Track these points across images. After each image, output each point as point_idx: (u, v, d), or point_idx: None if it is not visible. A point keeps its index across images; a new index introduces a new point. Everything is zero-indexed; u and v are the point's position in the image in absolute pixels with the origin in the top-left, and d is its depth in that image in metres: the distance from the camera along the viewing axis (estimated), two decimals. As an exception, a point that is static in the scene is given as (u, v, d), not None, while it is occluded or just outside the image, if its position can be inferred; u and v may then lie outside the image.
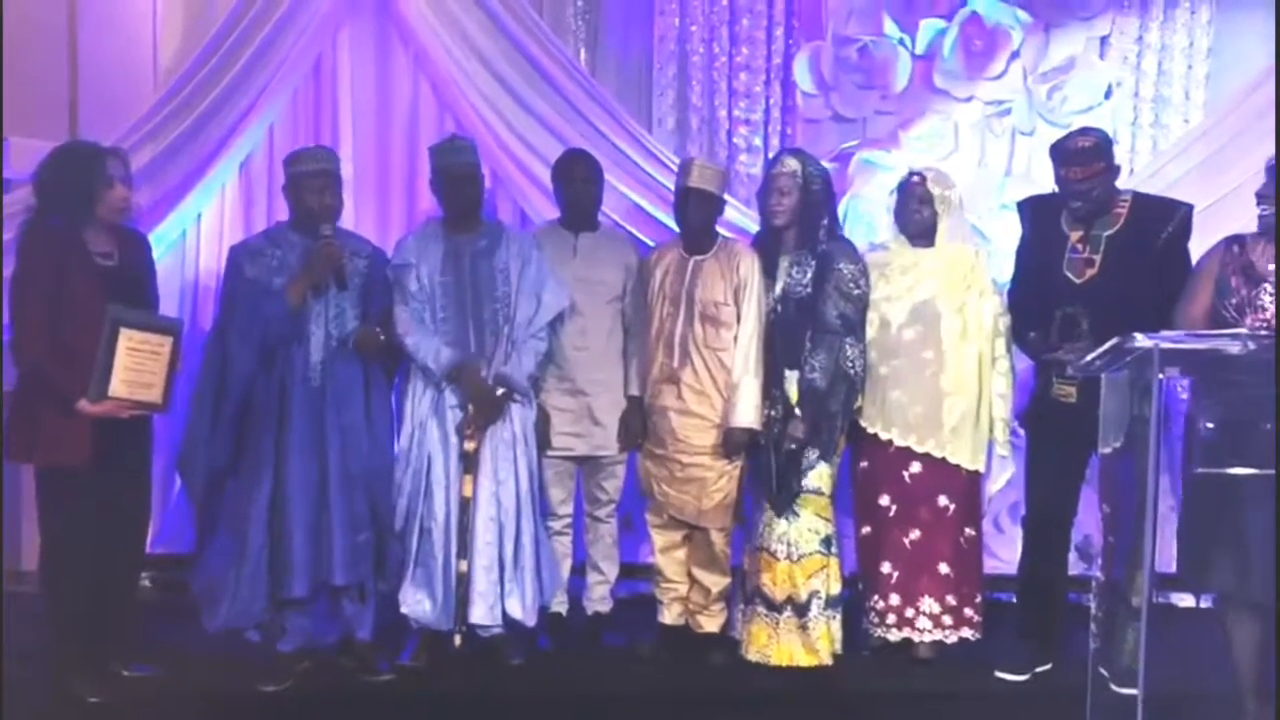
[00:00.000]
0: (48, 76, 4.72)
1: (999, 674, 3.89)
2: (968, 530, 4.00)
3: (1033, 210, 4.05)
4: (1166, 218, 3.78)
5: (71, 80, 4.79)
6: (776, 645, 3.92)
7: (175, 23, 4.89)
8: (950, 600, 3.96)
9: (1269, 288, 3.18)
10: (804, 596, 3.90)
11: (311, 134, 4.85)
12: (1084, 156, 3.71)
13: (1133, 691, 2.70)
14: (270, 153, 4.85)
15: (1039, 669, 3.90)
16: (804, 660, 3.90)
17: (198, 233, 4.86)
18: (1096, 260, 3.75)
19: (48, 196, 3.55)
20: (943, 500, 3.96)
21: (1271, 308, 3.17)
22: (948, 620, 3.96)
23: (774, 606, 3.92)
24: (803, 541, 3.90)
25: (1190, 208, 3.84)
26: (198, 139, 4.67)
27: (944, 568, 3.96)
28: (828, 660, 3.91)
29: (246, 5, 4.67)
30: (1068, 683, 3.65)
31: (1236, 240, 3.37)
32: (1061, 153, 3.78)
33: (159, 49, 4.89)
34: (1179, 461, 4.42)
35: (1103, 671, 2.97)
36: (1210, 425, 2.89)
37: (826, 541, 3.93)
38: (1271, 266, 3.23)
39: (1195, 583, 3.22)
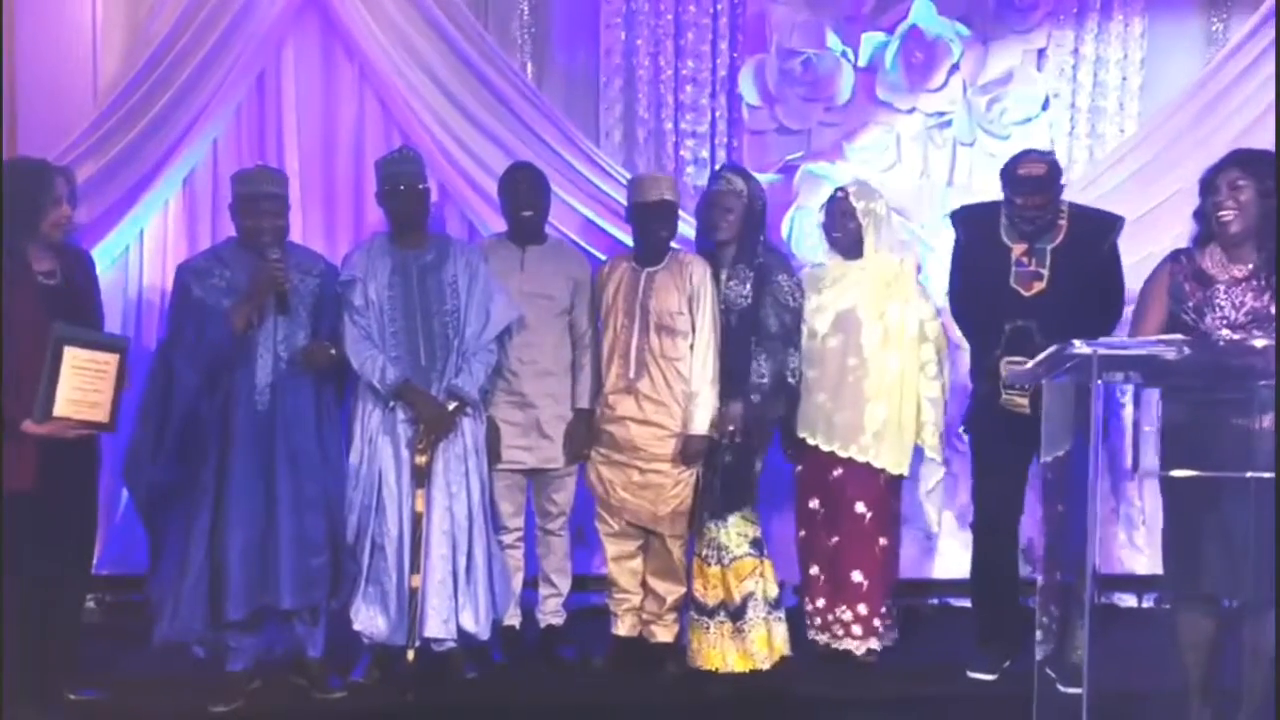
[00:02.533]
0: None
1: (971, 674, 3.95)
2: (881, 540, 4.07)
3: (968, 221, 4.11)
4: (1107, 230, 3.92)
5: (9, 95, 4.70)
6: (708, 650, 3.97)
7: (116, 37, 4.81)
8: (862, 609, 4.04)
9: (1222, 289, 3.26)
10: (738, 600, 3.95)
11: (256, 148, 4.80)
12: (1037, 185, 3.81)
13: (1078, 691, 2.75)
14: (214, 168, 4.80)
15: (1006, 664, 3.95)
16: (738, 665, 3.95)
17: (141, 249, 4.80)
18: (1044, 273, 3.82)
19: None
20: (860, 507, 4.04)
21: (1227, 305, 3.24)
22: (858, 630, 4.05)
23: (705, 611, 3.98)
24: (733, 545, 3.96)
25: (1123, 219, 4.00)
26: (140, 154, 4.61)
27: (857, 575, 4.04)
28: (764, 665, 3.95)
29: (189, 19, 4.61)
30: (1014, 684, 3.72)
31: (1183, 253, 3.44)
32: (1013, 180, 3.85)
33: (99, 63, 4.80)
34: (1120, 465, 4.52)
35: (1049, 672, 3.02)
36: (1148, 429, 2.95)
37: (756, 544, 3.99)
38: (1226, 271, 3.29)
39: (1181, 586, 3.28)
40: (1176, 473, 3.12)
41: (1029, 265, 3.85)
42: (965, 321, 4.09)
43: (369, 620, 3.77)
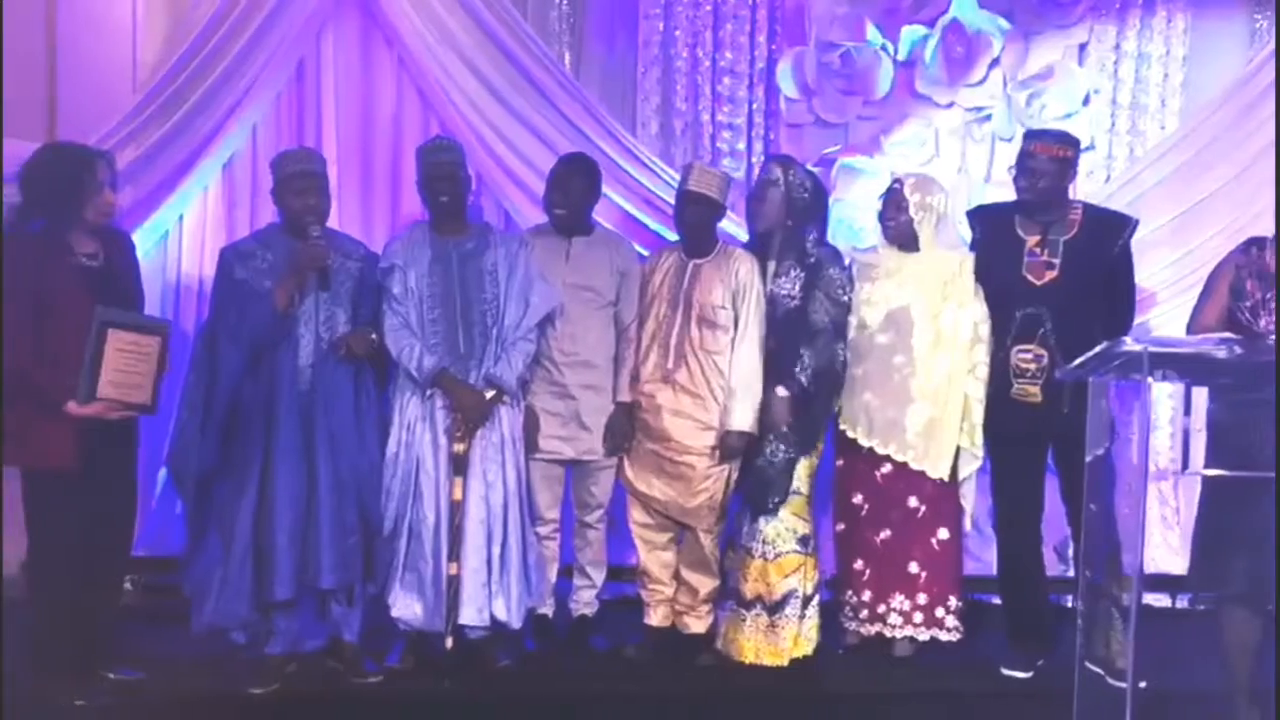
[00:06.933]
0: (26, 75, 4.66)
1: (1005, 671, 3.94)
2: (941, 532, 4.02)
3: (985, 219, 4.17)
4: (1121, 228, 3.96)
5: (50, 79, 4.74)
6: (742, 642, 3.97)
7: (157, 22, 4.83)
8: (921, 599, 4.00)
9: None
10: (778, 595, 3.94)
11: (295, 135, 4.82)
12: (1036, 169, 3.86)
13: (1124, 685, 2.75)
14: (253, 154, 4.81)
15: (1040, 662, 3.95)
16: (768, 659, 3.94)
17: (180, 234, 4.81)
18: (1056, 263, 3.87)
19: (33, 197, 3.51)
20: (913, 501, 4.00)
21: None
22: (918, 618, 4.00)
23: (744, 604, 3.97)
24: (779, 540, 3.94)
25: (1137, 221, 4.03)
26: (180, 140, 4.62)
27: (914, 567, 4.01)
28: (785, 661, 3.94)
29: (230, 5, 4.62)
30: (1050, 681, 3.72)
31: (1255, 243, 3.41)
32: (1019, 158, 3.96)
33: (139, 48, 4.82)
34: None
35: (1092, 668, 3.01)
36: (1197, 429, 2.93)
37: (804, 540, 3.97)
38: None
39: (1206, 584, 3.27)
40: (1210, 472, 3.11)
41: (1041, 255, 3.89)
42: None
43: (406, 607, 3.78)
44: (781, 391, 3.88)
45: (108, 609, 3.69)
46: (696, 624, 4.08)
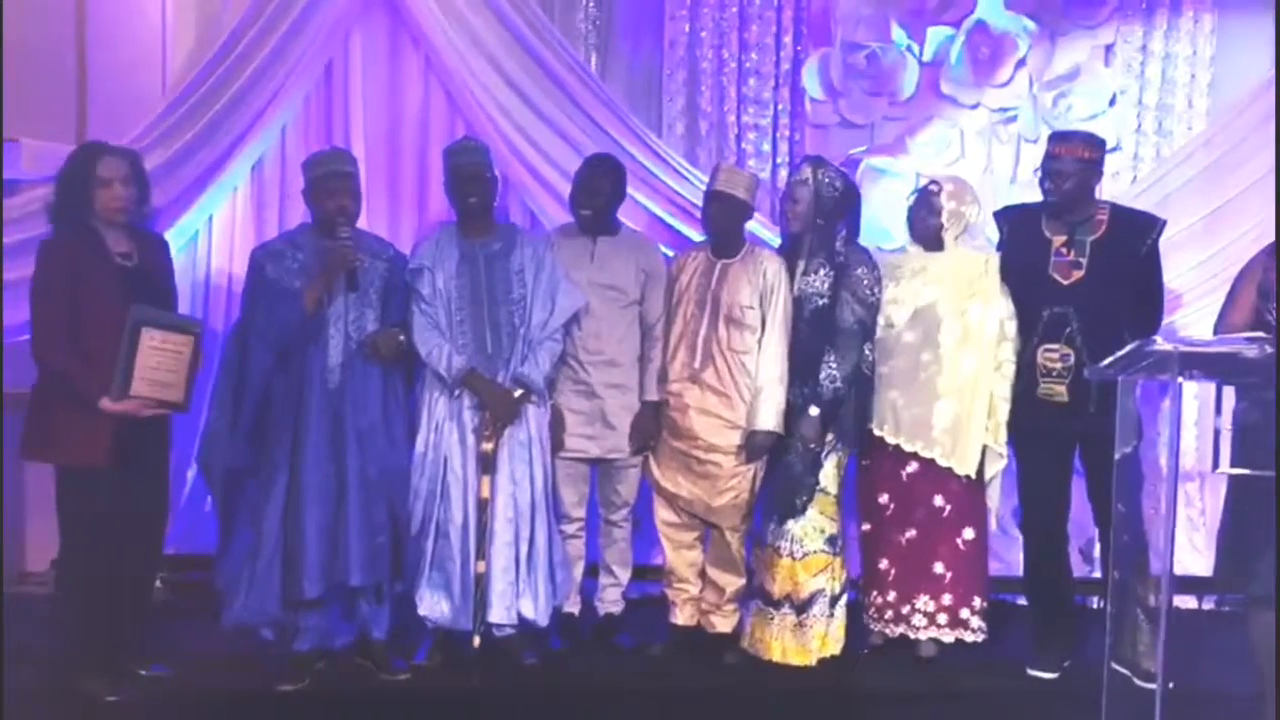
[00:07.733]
0: (57, 78, 4.72)
1: (1031, 672, 3.93)
2: (966, 532, 4.02)
3: (1012, 218, 4.17)
4: (1148, 229, 3.95)
5: (80, 82, 4.78)
6: (770, 641, 3.97)
7: (187, 25, 4.89)
8: (945, 600, 4.00)
9: None
10: (805, 594, 3.94)
11: (323, 136, 4.86)
12: (1062, 168, 3.85)
13: (1152, 686, 2.75)
14: (282, 155, 4.86)
15: (1065, 663, 3.95)
16: (795, 659, 3.95)
17: (210, 234, 4.86)
18: (1083, 263, 3.87)
19: (56, 197, 3.57)
20: (938, 501, 4.00)
21: None
22: (943, 620, 4.00)
23: (771, 602, 3.97)
24: (807, 540, 3.94)
25: (1164, 221, 4.01)
26: (210, 141, 4.66)
27: (939, 568, 4.00)
28: (812, 660, 3.94)
29: (259, 8, 4.66)
30: (1076, 682, 3.72)
31: None
32: (1044, 159, 3.95)
33: (169, 51, 4.88)
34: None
35: (1119, 669, 3.00)
36: (1227, 428, 2.93)
37: (831, 540, 3.98)
38: None
39: (1232, 585, 3.26)
40: (1236, 470, 3.10)
41: (1068, 255, 3.90)
42: None
43: (433, 605, 3.81)
44: (813, 410, 3.89)
45: (139, 606, 3.73)
46: (722, 623, 4.09)
